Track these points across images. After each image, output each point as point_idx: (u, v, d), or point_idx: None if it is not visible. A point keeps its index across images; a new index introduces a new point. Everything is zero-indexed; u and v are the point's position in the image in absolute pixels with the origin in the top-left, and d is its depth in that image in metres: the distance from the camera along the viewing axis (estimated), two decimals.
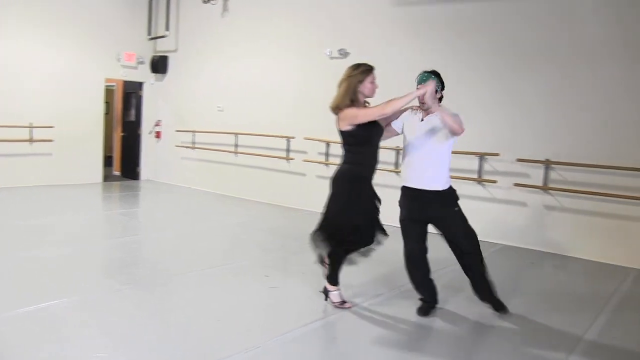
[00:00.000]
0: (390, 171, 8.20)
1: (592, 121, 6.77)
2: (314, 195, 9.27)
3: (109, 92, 12.89)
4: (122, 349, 3.62)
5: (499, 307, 4.56)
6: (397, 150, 8.11)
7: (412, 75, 7.97)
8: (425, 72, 4.50)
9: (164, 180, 12.63)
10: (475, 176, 7.60)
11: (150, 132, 12.89)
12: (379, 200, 4.39)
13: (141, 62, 12.41)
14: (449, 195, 4.36)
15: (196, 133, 11.66)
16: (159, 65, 12.34)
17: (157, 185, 12.23)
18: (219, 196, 10.79)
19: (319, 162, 9.19)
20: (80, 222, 8.11)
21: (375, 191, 4.38)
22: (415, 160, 4.37)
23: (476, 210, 7.43)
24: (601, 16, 6.68)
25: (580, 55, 6.82)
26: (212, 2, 11.15)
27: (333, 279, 4.50)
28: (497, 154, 7.44)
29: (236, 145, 10.74)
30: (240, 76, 10.74)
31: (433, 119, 4.34)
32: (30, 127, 10.72)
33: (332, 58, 9.07)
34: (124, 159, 13.53)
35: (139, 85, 12.71)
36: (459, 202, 4.41)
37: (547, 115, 7.09)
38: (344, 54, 8.92)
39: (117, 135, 13.72)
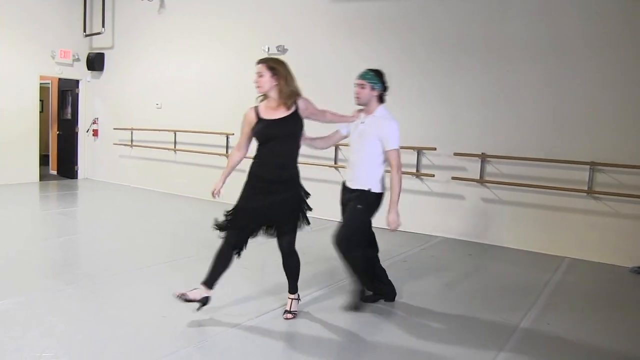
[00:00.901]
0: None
1: (525, 116, 7.03)
2: None
3: (43, 89, 12.65)
4: (67, 349, 3.66)
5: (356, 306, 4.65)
6: (337, 147, 8.33)
7: (348, 72, 8.26)
8: (370, 70, 4.58)
9: (102, 178, 12.50)
10: (413, 170, 7.82)
11: (87, 131, 12.72)
12: (283, 204, 4.11)
13: (77, 60, 12.24)
14: (368, 196, 4.47)
15: (134, 131, 11.59)
16: (95, 62, 12.20)
17: (95, 184, 12.10)
18: (159, 194, 10.78)
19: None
20: (17, 222, 8.00)
21: (275, 192, 4.07)
22: (352, 160, 4.58)
23: (415, 204, 7.77)
24: (529, 13, 6.95)
25: (512, 52, 7.07)
26: None
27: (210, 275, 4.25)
28: (434, 149, 7.65)
29: (175, 143, 10.75)
30: (178, 73, 10.73)
31: (370, 121, 4.49)
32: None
33: (270, 54, 9.19)
34: (60, 158, 13.31)
35: (75, 82, 12.54)
36: (371, 206, 4.55)
37: (482, 110, 7.32)
38: (282, 50, 9.07)
39: (53, 133, 13.47)
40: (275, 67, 4.08)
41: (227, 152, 9.78)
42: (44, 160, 12.74)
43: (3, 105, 11.06)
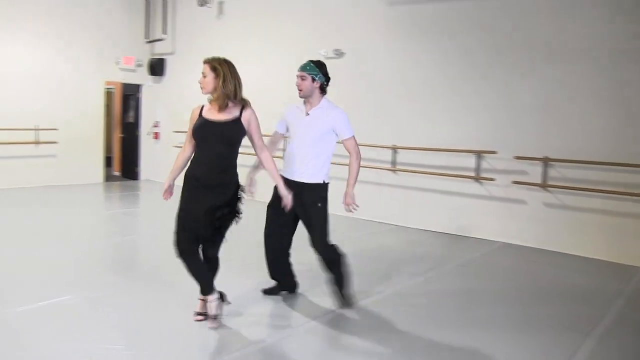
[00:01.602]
0: (388, 169, 8.48)
1: (590, 118, 6.87)
2: None
3: (108, 94, 13.10)
4: (133, 342, 3.84)
5: (345, 303, 4.68)
6: (394, 149, 8.38)
7: (403, 76, 8.33)
8: (310, 61, 4.54)
9: (162, 179, 12.68)
10: (472, 174, 7.76)
11: (148, 133, 13.11)
12: (218, 208, 3.97)
13: (139, 65, 12.63)
14: (320, 190, 4.55)
15: None
16: (157, 67, 12.56)
17: (155, 185, 12.40)
18: None
19: None
20: (84, 221, 8.32)
21: (211, 196, 3.96)
22: (299, 153, 4.53)
23: (474, 208, 7.75)
24: (595, 15, 6.82)
25: (576, 52, 6.94)
26: (207, 5, 11.35)
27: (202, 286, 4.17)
28: (494, 152, 7.57)
29: None
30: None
31: (317, 113, 4.51)
32: (36, 129, 10.97)
33: (327, 58, 9.28)
34: (123, 160, 13.76)
35: (138, 87, 12.93)
36: (326, 198, 4.63)
37: (545, 112, 7.20)
38: (339, 54, 9.16)
39: (117, 136, 13.93)
40: (218, 67, 3.94)
41: (283, 155, 9.90)
42: (108, 161, 13.18)
43: (71, 109, 11.54)
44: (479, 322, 4.51)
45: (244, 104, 4.04)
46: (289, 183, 4.41)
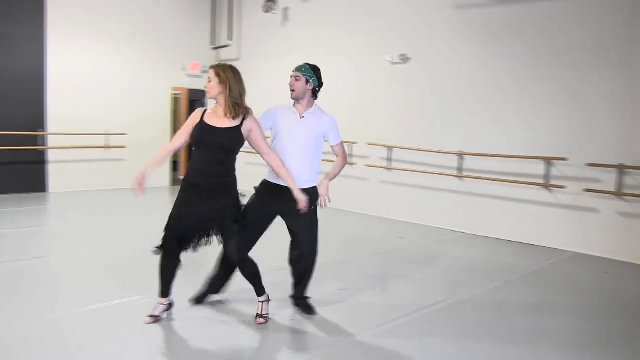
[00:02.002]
0: (454, 176, 8.36)
1: None
2: (377, 200, 9.52)
3: (175, 100, 13.40)
4: (193, 346, 3.87)
5: (309, 310, 4.60)
6: (461, 156, 8.25)
7: (473, 78, 8.18)
8: (306, 64, 4.51)
9: None
10: (541, 181, 7.54)
11: None
12: (209, 213, 3.97)
13: (205, 71, 12.84)
14: (315, 193, 4.45)
15: None
16: None
17: None
18: None
19: (382, 167, 9.38)
20: (151, 223, 8.48)
21: (206, 201, 3.96)
22: (294, 156, 4.35)
23: (543, 216, 7.53)
24: None
25: None
26: (272, 12, 11.47)
27: (161, 288, 4.25)
28: (565, 159, 7.34)
29: None
30: None
31: (311, 117, 4.44)
32: (107, 134, 11.36)
33: (393, 64, 9.23)
34: (189, 164, 13.97)
35: (204, 93, 13.09)
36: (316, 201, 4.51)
37: (620, 117, 6.93)
38: (404, 59, 9.08)
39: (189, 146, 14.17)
40: (222, 74, 3.93)
41: (349, 160, 9.86)
42: (174, 166, 13.46)
43: (139, 115, 11.88)
44: (550, 336, 4.36)
45: (245, 113, 4.02)
46: (279, 188, 4.34)
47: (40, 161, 10.79)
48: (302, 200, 4.14)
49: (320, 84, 4.54)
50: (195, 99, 13.53)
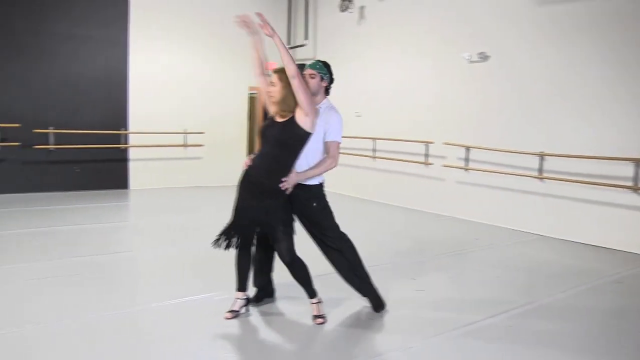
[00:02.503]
0: (534, 177, 8.10)
1: None
2: (453, 201, 9.36)
3: (251, 99, 13.58)
4: (257, 345, 3.89)
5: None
6: (542, 156, 7.98)
7: (556, 76, 7.88)
8: (319, 61, 4.49)
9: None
10: (629, 184, 7.17)
11: None
12: (259, 211, 4.05)
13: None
14: (321, 191, 4.48)
15: None
16: None
17: None
18: (356, 200, 11.06)
19: (459, 168, 9.21)
20: (226, 221, 8.64)
21: (250, 196, 4.06)
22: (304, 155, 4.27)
23: (631, 221, 7.18)
24: None
25: None
26: (349, 10, 11.47)
27: (237, 282, 4.34)
28: None
29: (374, 150, 10.97)
30: (377, 82, 10.96)
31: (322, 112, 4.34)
32: (185, 133, 11.67)
33: (471, 62, 9.04)
34: None
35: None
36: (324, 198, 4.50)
37: None
38: (483, 57, 8.87)
39: (258, 140, 14.37)
40: (285, 78, 3.93)
41: (426, 160, 9.80)
42: None
43: (217, 114, 12.15)
44: (635, 349, 4.14)
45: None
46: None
47: (122, 159, 11.21)
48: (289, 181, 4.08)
49: (332, 80, 4.53)
50: None
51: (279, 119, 4.02)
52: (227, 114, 12.36)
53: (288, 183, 4.02)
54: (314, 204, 4.40)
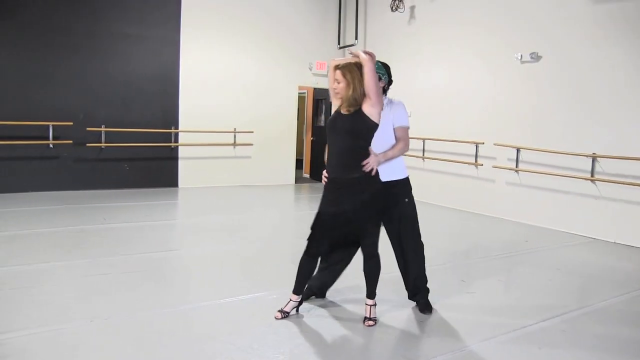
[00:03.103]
0: (586, 179, 7.92)
1: None
2: (503, 202, 9.24)
3: (300, 99, 13.69)
4: (316, 346, 3.91)
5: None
6: (594, 158, 7.81)
7: (613, 76, 7.68)
8: (378, 61, 4.36)
9: None
10: None
11: None
12: (349, 211, 4.00)
13: None
14: (409, 184, 4.66)
15: None
16: None
17: None
18: None
19: (509, 169, 9.08)
20: (275, 220, 8.85)
21: (341, 198, 4.01)
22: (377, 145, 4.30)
23: None
24: None
25: None
26: (399, 10, 11.43)
27: (295, 285, 4.32)
28: None
29: (424, 151, 10.91)
30: (427, 82, 10.91)
31: (385, 109, 4.40)
32: (234, 132, 11.82)
33: (522, 62, 8.91)
34: (313, 163, 14.29)
35: (329, 92, 13.32)
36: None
37: None
38: (535, 57, 8.72)
39: (307, 139, 14.52)
40: (348, 74, 3.94)
41: (476, 161, 9.70)
42: (298, 164, 13.77)
43: (266, 113, 12.26)
44: None
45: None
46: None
47: (172, 157, 11.41)
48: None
49: (390, 81, 4.55)
50: (320, 97, 13.75)
51: (345, 112, 4.01)
52: (276, 113, 12.46)
53: (370, 164, 4.00)
54: (406, 200, 4.52)
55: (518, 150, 8.90)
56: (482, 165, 9.61)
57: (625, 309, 4.93)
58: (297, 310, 4.40)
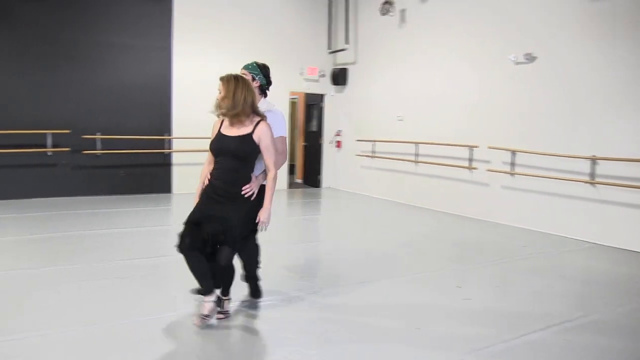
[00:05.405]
0: (585, 182, 7.83)
1: None
2: (499, 206, 9.14)
3: (291, 104, 13.60)
4: (317, 349, 3.84)
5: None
6: (593, 160, 7.72)
7: (610, 77, 7.55)
8: (255, 62, 4.70)
9: (344, 188, 13.05)
10: None
11: (330, 142, 13.40)
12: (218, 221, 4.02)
13: (322, 75, 12.97)
14: None
15: (376, 142, 11.92)
16: (339, 77, 12.81)
17: (337, 193, 12.66)
18: (398, 205, 10.93)
19: (504, 172, 8.97)
20: (269, 225, 8.62)
21: (220, 207, 4.05)
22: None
23: None
24: None
25: None
26: (389, 14, 11.35)
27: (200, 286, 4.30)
28: None
29: (416, 155, 10.82)
30: (419, 85, 10.81)
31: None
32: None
33: (517, 63, 8.80)
34: (305, 168, 14.20)
35: (320, 97, 13.27)
36: None
37: None
38: (530, 58, 8.61)
39: (300, 144, 14.42)
40: (226, 84, 4.04)
41: (470, 164, 9.60)
42: (290, 169, 13.67)
43: None
44: None
45: (260, 120, 4.11)
46: None
47: (166, 164, 11.34)
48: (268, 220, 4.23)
49: (269, 82, 4.71)
50: (312, 102, 13.65)
51: (234, 133, 4.07)
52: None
53: (251, 190, 4.11)
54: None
55: (513, 153, 8.80)
56: (476, 169, 9.50)
57: (628, 318, 4.81)
58: (224, 310, 4.43)
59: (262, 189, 4.20)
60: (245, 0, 12.02)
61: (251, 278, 4.82)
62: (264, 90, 4.68)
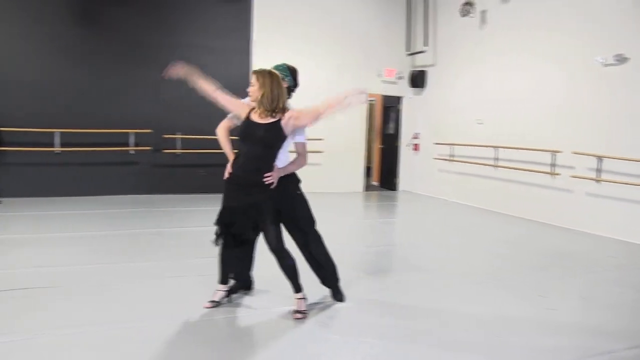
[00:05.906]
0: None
1: None
2: (583, 214, 8.81)
3: (369, 106, 13.59)
4: (395, 355, 3.82)
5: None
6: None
7: None
8: (284, 64, 4.76)
9: (421, 191, 12.93)
10: None
11: (408, 145, 13.30)
12: (248, 208, 4.16)
13: (400, 77, 12.88)
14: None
15: (454, 146, 11.74)
16: (418, 79, 12.70)
17: (413, 197, 12.54)
18: (476, 210, 10.73)
19: (589, 179, 8.64)
20: (345, 228, 8.73)
21: (245, 195, 4.18)
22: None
23: None
24: None
25: None
26: (470, 15, 11.17)
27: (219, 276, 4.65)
28: None
29: (496, 159, 10.59)
30: (499, 88, 10.58)
31: None
32: (306, 139, 11.76)
33: (605, 65, 8.45)
34: (382, 170, 14.16)
35: (398, 99, 13.19)
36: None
37: None
38: (621, 59, 8.23)
39: (377, 147, 14.40)
40: (260, 79, 4.18)
41: (552, 170, 9.31)
42: (367, 172, 13.66)
43: (335, 120, 12.06)
44: None
45: (284, 112, 4.20)
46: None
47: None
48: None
49: (296, 84, 4.81)
50: (390, 105, 13.60)
51: (259, 120, 4.17)
52: (345, 121, 12.32)
53: (272, 179, 4.23)
54: (297, 192, 4.86)
55: (600, 159, 8.46)
56: (559, 174, 9.20)
57: None
58: (230, 300, 4.72)
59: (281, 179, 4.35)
60: (323, 2, 12.11)
61: (331, 285, 4.95)
62: (290, 92, 4.77)
